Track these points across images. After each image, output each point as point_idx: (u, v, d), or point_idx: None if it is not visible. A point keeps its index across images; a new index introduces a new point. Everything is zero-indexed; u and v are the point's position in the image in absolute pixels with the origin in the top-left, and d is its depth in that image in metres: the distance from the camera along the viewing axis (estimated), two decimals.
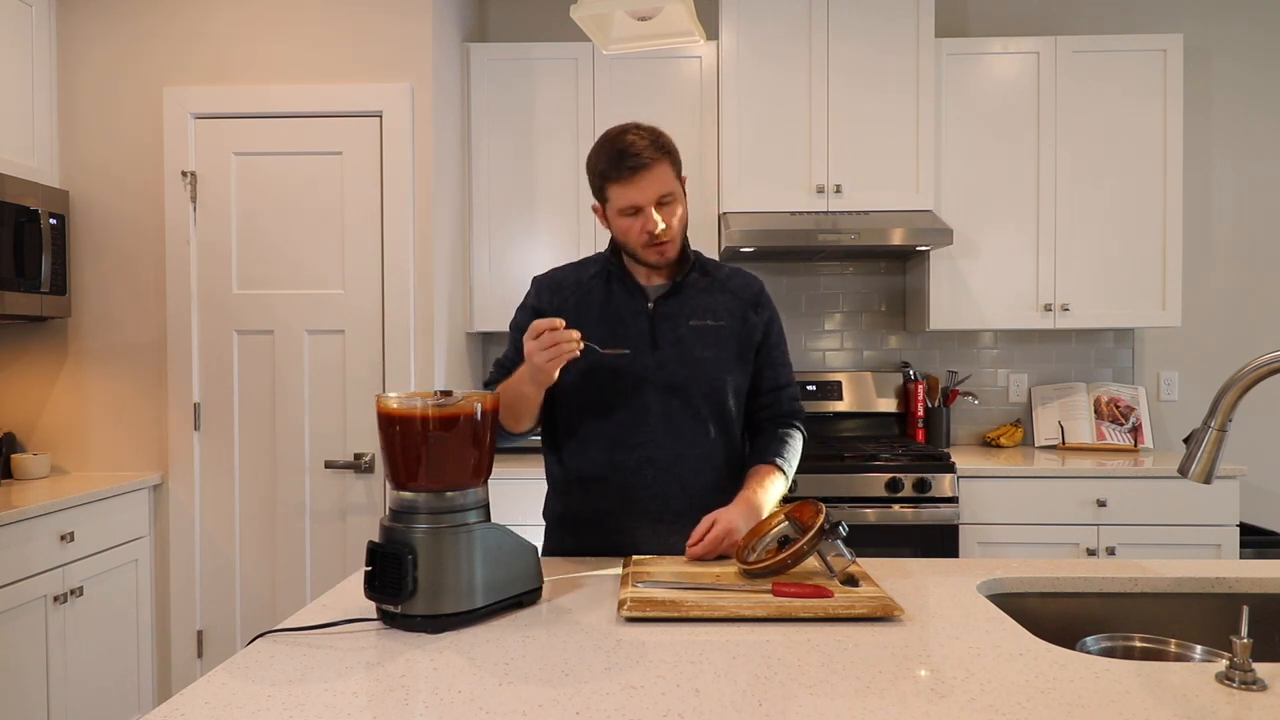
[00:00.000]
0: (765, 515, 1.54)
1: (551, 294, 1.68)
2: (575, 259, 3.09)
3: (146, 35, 2.90)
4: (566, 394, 1.62)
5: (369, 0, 2.87)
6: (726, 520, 1.48)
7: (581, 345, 1.41)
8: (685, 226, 1.62)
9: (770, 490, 1.59)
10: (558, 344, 1.39)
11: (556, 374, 1.45)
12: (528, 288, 1.75)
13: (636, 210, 1.55)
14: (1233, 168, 3.50)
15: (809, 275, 3.56)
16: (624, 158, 1.51)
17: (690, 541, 1.48)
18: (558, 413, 1.66)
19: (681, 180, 1.60)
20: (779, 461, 1.64)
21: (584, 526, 1.65)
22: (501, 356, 1.71)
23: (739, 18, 3.13)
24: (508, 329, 1.73)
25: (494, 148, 3.23)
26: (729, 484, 1.63)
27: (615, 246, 1.67)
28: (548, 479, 1.74)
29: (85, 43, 2.91)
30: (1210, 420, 1.24)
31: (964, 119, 3.18)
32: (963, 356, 3.55)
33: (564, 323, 1.41)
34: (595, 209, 1.64)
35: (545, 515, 1.75)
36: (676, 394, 1.60)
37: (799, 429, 1.73)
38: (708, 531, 1.47)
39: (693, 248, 1.71)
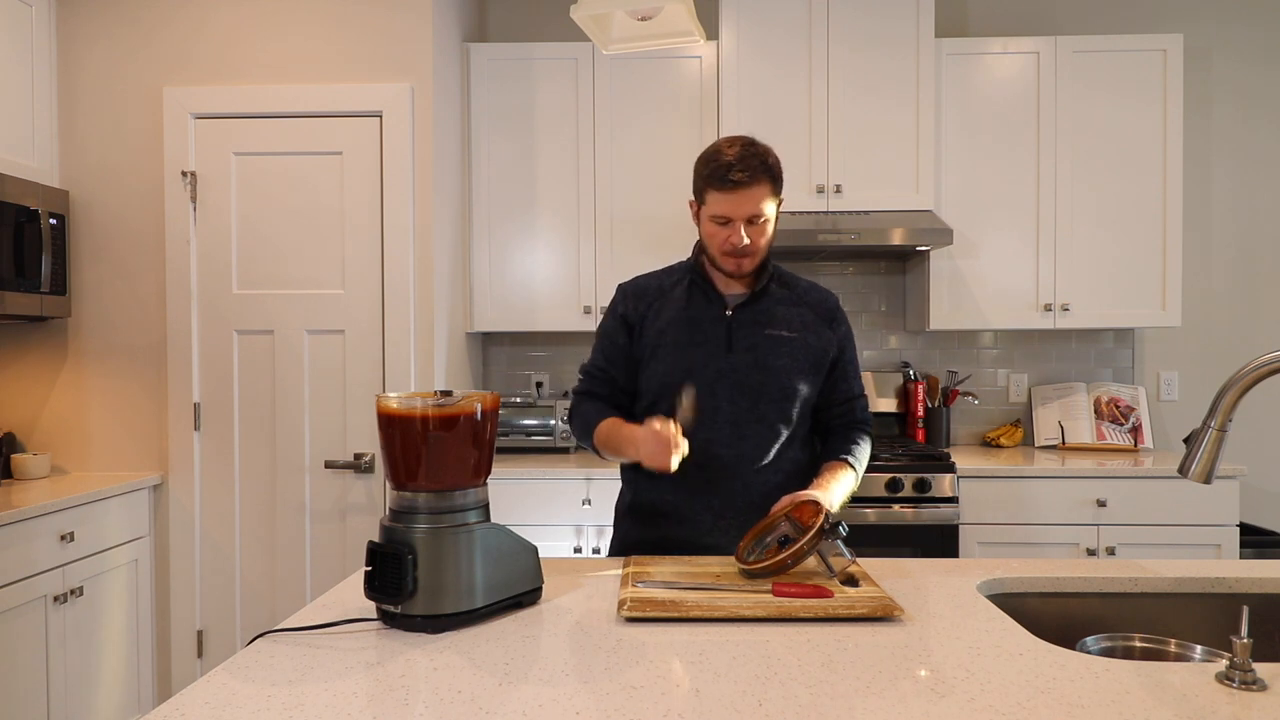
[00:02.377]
0: (837, 506, 1.59)
1: (636, 300, 1.75)
2: (575, 260, 3.16)
3: (146, 35, 2.90)
4: (646, 390, 1.70)
5: (369, 0, 2.88)
6: (807, 494, 1.52)
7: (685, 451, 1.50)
8: (769, 245, 1.67)
9: (842, 482, 1.64)
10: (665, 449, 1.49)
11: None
12: (527, 287, 1.76)
13: (727, 221, 1.61)
14: (1232, 167, 3.50)
15: (809, 275, 3.50)
16: (730, 170, 1.57)
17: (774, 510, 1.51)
18: (637, 406, 1.73)
19: (778, 201, 1.65)
20: (850, 459, 1.70)
21: (650, 516, 1.71)
22: (588, 364, 1.79)
23: (739, 18, 3.13)
24: (595, 335, 1.80)
25: (494, 148, 3.23)
26: (791, 487, 1.66)
27: (699, 254, 1.73)
28: (621, 473, 1.80)
29: (85, 43, 2.91)
30: (1210, 420, 1.24)
31: (964, 119, 3.18)
32: (963, 356, 3.55)
33: (678, 431, 1.48)
34: (691, 204, 1.70)
35: (616, 508, 1.82)
36: (747, 396, 1.65)
37: (869, 434, 1.79)
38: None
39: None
